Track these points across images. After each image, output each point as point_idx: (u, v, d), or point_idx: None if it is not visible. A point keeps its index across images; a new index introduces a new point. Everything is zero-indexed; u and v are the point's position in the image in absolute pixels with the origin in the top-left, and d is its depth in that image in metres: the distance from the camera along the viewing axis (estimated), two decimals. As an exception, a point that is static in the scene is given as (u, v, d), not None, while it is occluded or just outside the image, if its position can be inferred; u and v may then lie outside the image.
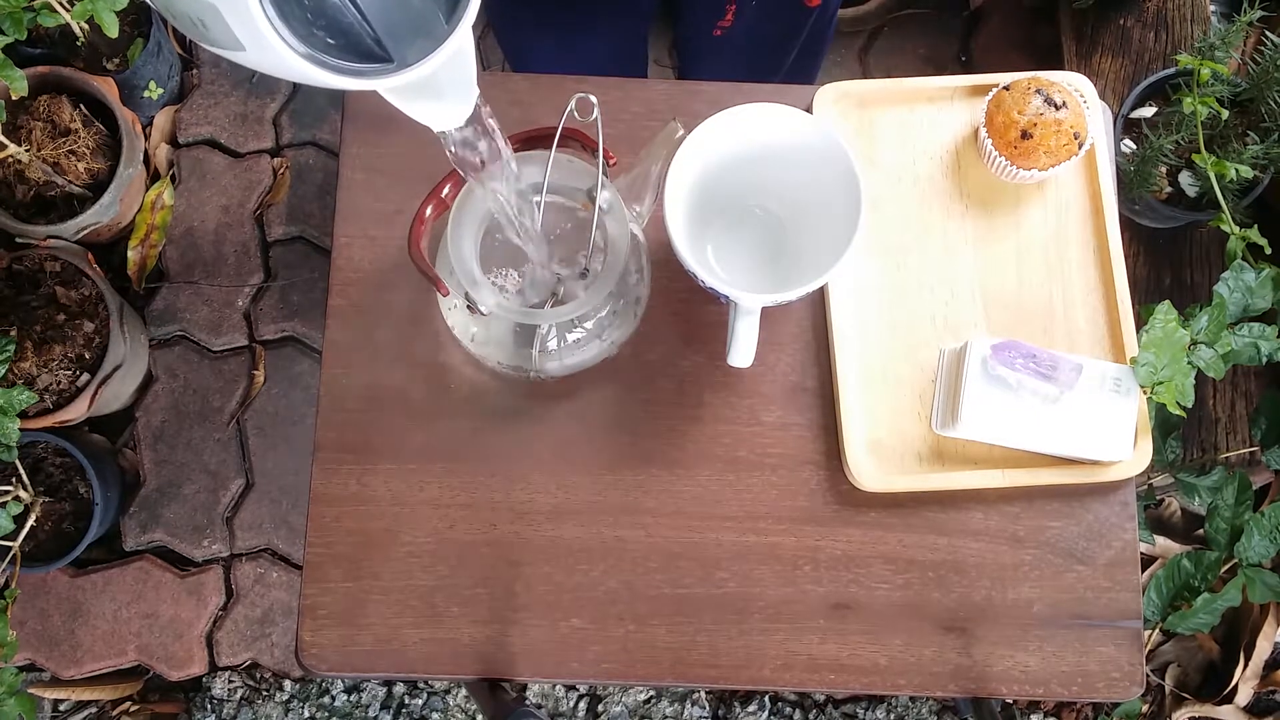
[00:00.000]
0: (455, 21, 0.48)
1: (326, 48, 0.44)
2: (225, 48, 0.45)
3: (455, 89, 0.53)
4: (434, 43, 0.47)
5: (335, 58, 0.45)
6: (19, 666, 1.42)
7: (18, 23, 1.08)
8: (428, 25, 0.47)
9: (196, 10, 0.44)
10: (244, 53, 0.45)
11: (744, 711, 1.43)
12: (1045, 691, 0.75)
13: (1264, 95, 1.12)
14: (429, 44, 0.47)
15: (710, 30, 1.03)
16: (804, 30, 1.07)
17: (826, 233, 0.71)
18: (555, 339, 0.72)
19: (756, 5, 0.99)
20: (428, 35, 0.47)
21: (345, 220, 0.80)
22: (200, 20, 0.44)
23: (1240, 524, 1.09)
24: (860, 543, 0.76)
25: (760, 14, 1.00)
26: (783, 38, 1.07)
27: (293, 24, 0.43)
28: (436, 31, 0.47)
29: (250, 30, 0.42)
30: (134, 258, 1.51)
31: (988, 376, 0.72)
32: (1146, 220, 1.28)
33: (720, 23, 1.01)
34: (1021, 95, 0.76)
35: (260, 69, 0.47)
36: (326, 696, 1.44)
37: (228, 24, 0.43)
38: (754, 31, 1.03)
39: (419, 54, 0.47)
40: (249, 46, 0.44)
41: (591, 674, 0.75)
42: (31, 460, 1.36)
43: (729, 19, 1.00)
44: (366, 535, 0.76)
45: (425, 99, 0.53)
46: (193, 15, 0.44)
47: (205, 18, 0.44)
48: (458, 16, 0.48)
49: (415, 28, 0.47)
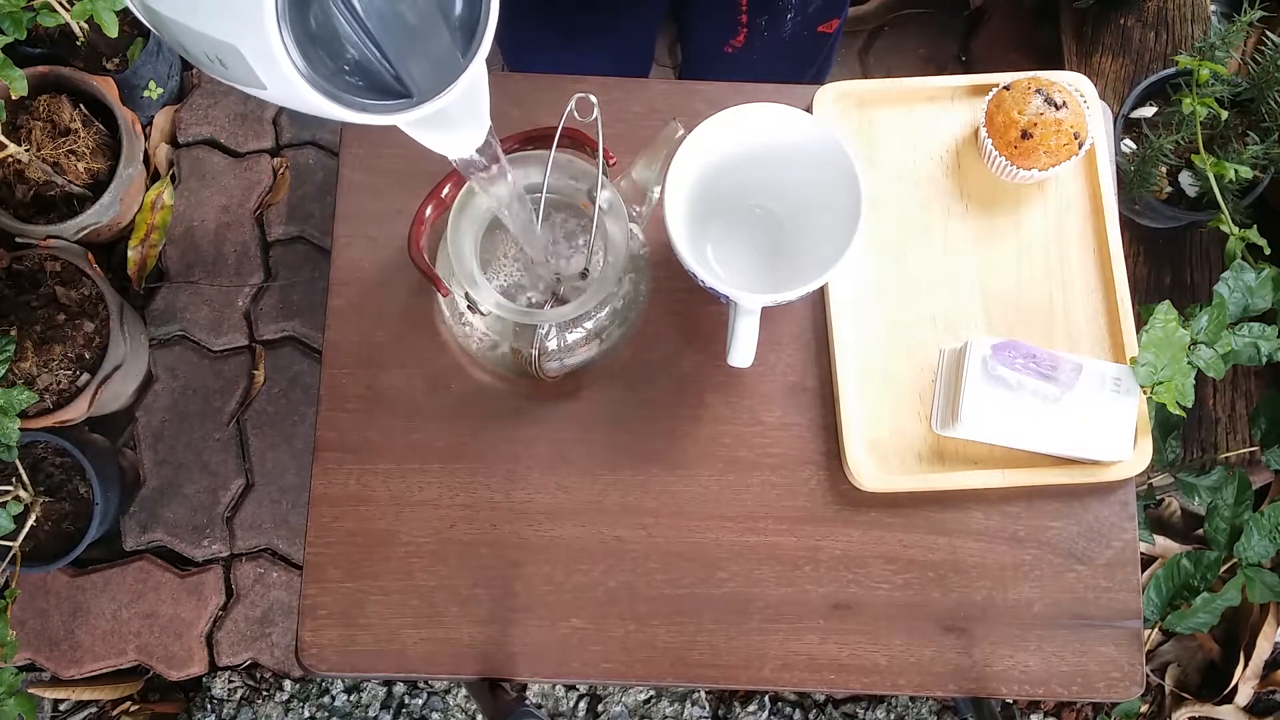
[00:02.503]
0: (470, 55, 0.48)
1: (347, 85, 0.45)
2: (243, 84, 0.46)
3: (469, 119, 0.54)
4: (450, 75, 0.48)
5: (355, 95, 0.45)
6: (19, 666, 1.42)
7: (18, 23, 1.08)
8: (443, 59, 0.48)
9: (214, 50, 0.44)
10: (265, 90, 0.45)
11: (744, 711, 1.43)
12: (1045, 691, 0.75)
13: (1264, 95, 1.12)
14: (445, 77, 0.48)
15: (720, 47, 1.03)
16: (819, 56, 1.07)
17: (826, 233, 0.71)
18: (555, 339, 0.72)
19: (769, 31, 0.98)
20: (443, 69, 0.48)
21: (345, 220, 0.80)
22: (218, 59, 0.44)
23: (1240, 524, 1.09)
24: (860, 543, 0.76)
25: (774, 38, 1.00)
26: (795, 61, 1.06)
27: (314, 63, 0.43)
28: (452, 65, 0.48)
29: (272, 70, 0.43)
30: (134, 258, 1.51)
31: (988, 376, 0.72)
32: (1146, 220, 1.28)
33: (732, 41, 1.01)
34: (1021, 95, 0.76)
35: (279, 104, 0.47)
36: (326, 696, 1.44)
37: (249, 64, 0.43)
38: (766, 53, 1.03)
39: (435, 87, 0.48)
40: (270, 86, 0.44)
41: (591, 674, 0.75)
42: (31, 460, 1.36)
43: (740, 40, 1.00)
44: (366, 535, 0.76)
45: (440, 129, 0.54)
46: (210, 54, 0.45)
47: (224, 57, 0.44)
48: (473, 50, 0.48)
49: (431, 62, 0.48)
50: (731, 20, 0.98)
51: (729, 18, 0.98)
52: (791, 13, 0.97)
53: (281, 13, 0.41)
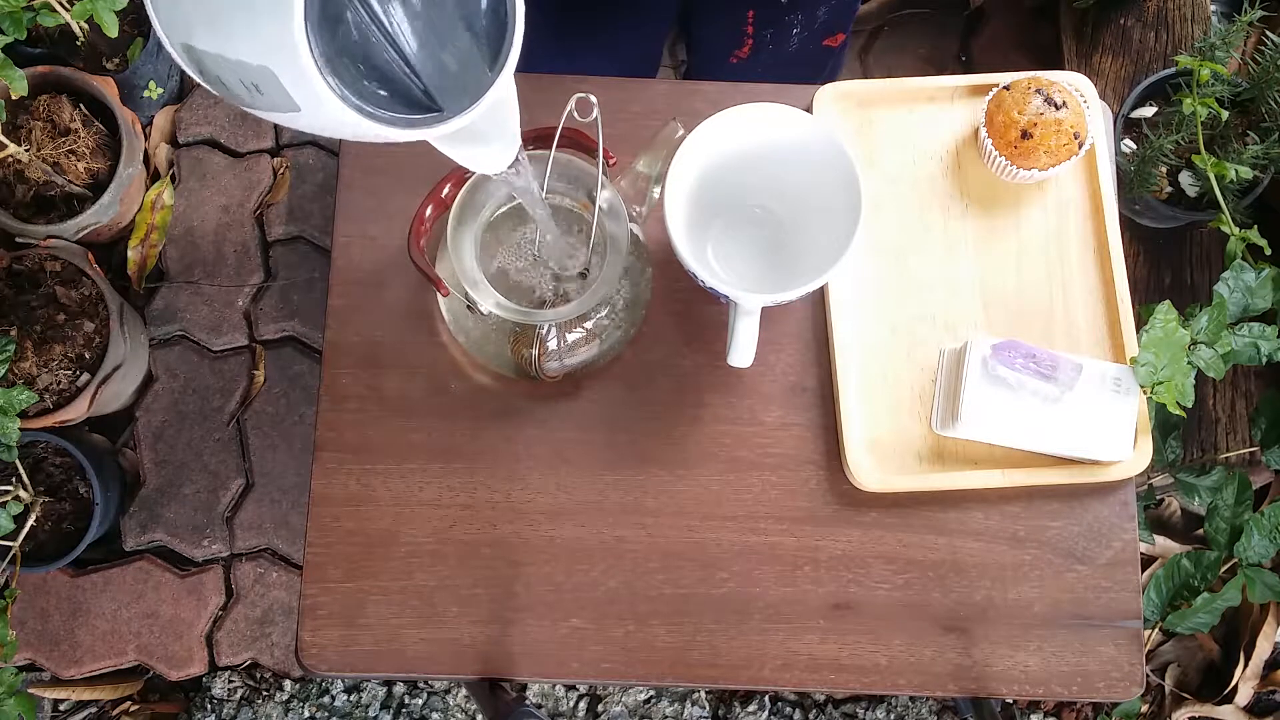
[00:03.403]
0: (499, 67, 0.49)
1: (378, 101, 0.46)
2: (279, 110, 0.46)
3: (499, 135, 0.56)
4: (478, 89, 0.49)
5: (387, 110, 0.46)
6: (19, 666, 1.42)
7: (18, 22, 1.08)
8: (471, 72, 0.49)
9: (250, 76, 0.45)
10: (299, 113, 0.46)
11: (744, 711, 1.43)
12: (1045, 691, 0.75)
13: (1264, 95, 1.12)
14: (473, 91, 0.49)
15: (726, 58, 1.02)
16: (825, 68, 1.07)
17: (826, 233, 0.71)
18: (555, 339, 0.72)
19: (774, 44, 0.98)
20: (471, 82, 0.49)
21: (345, 220, 0.80)
22: (254, 85, 0.45)
23: (1240, 524, 1.09)
24: (860, 543, 0.76)
25: (779, 51, 0.99)
26: (800, 73, 1.06)
27: (344, 80, 0.44)
28: (480, 78, 0.49)
29: (305, 90, 0.44)
30: (134, 257, 1.51)
31: (988, 376, 0.72)
32: (1146, 220, 1.28)
33: (738, 52, 1.01)
34: (1021, 95, 0.76)
35: (312, 130, 0.49)
36: (326, 696, 1.44)
37: (283, 86, 0.44)
38: (771, 65, 1.02)
39: (464, 101, 0.49)
40: (304, 106, 0.45)
41: (591, 674, 0.75)
42: (31, 460, 1.36)
43: (746, 51, 1.00)
44: (366, 535, 0.76)
45: (470, 144, 0.55)
46: (246, 82, 0.46)
47: (260, 82, 0.45)
48: (500, 62, 0.49)
49: (459, 76, 0.49)
50: (737, 32, 0.98)
51: (735, 29, 0.98)
52: (798, 27, 0.97)
53: (312, 29, 0.42)
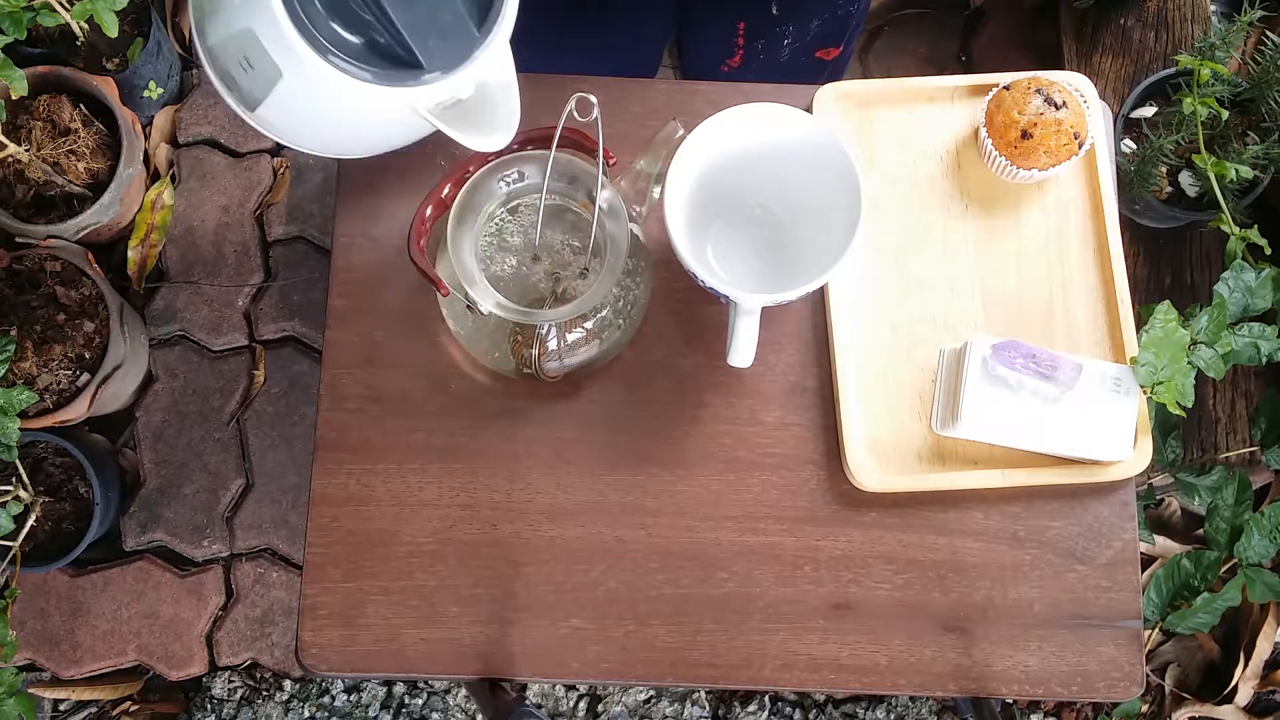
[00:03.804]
0: (488, 30, 0.50)
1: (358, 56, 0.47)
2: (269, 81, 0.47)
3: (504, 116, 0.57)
4: (465, 51, 0.50)
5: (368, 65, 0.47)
6: (19, 666, 1.42)
7: (18, 22, 1.08)
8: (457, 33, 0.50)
9: (238, 46, 0.46)
10: (283, 79, 0.47)
11: (744, 711, 1.43)
12: (1045, 691, 0.75)
13: (1264, 95, 1.12)
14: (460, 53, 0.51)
15: (718, 67, 1.02)
16: (819, 81, 1.07)
17: (826, 233, 0.71)
18: (555, 339, 0.72)
19: (765, 55, 0.98)
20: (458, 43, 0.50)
21: (345, 220, 0.80)
22: (245, 58, 0.46)
23: (1240, 524, 1.09)
24: (860, 543, 0.76)
25: (770, 62, 0.99)
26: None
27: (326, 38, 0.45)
28: (466, 39, 0.50)
29: (286, 51, 0.44)
30: (134, 257, 1.51)
31: (988, 376, 0.72)
32: (1146, 220, 1.28)
33: (729, 61, 1.01)
34: (1021, 95, 0.76)
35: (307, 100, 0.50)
36: (326, 696, 1.44)
37: (264, 47, 0.45)
38: (762, 75, 1.01)
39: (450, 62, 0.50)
40: (285, 69, 0.46)
41: (591, 674, 0.75)
42: (31, 460, 1.36)
43: (736, 60, 1.00)
44: (366, 535, 0.76)
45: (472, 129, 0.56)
46: (238, 58, 0.47)
47: (248, 51, 0.46)
48: (489, 25, 0.50)
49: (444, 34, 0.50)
50: (728, 41, 0.98)
51: (726, 38, 0.98)
52: (789, 39, 0.97)
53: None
